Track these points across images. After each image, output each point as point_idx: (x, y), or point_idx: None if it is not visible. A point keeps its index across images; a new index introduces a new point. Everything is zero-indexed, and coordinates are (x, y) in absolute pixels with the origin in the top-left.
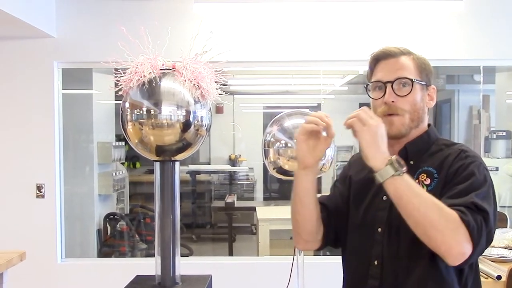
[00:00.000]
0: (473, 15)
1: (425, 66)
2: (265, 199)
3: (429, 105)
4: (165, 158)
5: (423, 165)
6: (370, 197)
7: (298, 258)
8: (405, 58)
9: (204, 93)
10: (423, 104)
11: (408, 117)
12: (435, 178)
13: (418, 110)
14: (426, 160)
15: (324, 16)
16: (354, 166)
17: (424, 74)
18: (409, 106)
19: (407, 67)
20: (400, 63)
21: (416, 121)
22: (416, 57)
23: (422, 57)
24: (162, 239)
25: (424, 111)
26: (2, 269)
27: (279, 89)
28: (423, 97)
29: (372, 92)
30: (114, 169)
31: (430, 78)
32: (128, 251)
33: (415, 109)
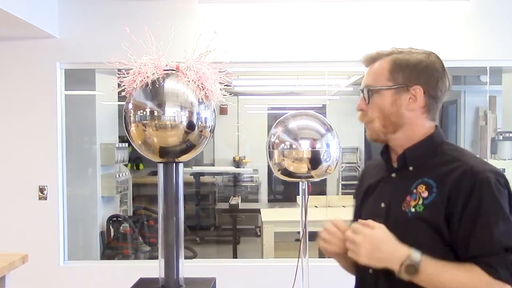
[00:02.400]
0: (479, 15)
1: (405, 67)
2: (270, 201)
3: (411, 106)
4: (169, 159)
5: (423, 175)
6: (372, 203)
7: (303, 261)
8: (380, 62)
9: (208, 94)
10: (396, 108)
11: (379, 123)
12: (433, 192)
13: (389, 115)
14: (427, 170)
15: (329, 16)
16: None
17: (400, 75)
18: (375, 113)
19: (378, 72)
20: (372, 69)
21: (391, 126)
22: (396, 57)
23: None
24: (165, 241)
25: (399, 115)
26: (4, 272)
27: (284, 90)
28: (396, 101)
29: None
30: (117, 171)
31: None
32: (131, 253)
33: (384, 115)
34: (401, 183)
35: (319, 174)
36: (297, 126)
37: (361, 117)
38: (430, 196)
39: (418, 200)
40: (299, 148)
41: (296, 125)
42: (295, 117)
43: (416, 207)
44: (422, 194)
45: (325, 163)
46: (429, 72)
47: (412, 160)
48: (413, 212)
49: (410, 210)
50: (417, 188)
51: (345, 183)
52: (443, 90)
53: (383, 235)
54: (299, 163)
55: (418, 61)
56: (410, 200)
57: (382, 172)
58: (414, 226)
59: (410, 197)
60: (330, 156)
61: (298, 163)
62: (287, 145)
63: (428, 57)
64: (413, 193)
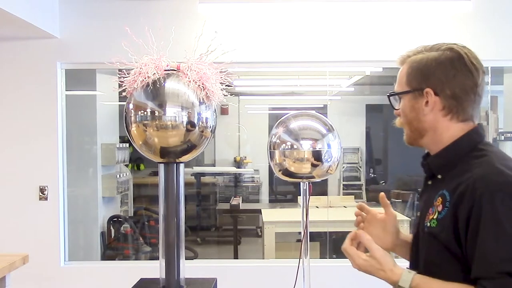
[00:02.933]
0: (481, 15)
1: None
2: (271, 202)
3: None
4: (170, 160)
5: (444, 186)
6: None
7: (304, 261)
8: (403, 66)
9: (209, 94)
10: (415, 113)
11: (408, 128)
12: (446, 207)
13: (411, 121)
14: (449, 180)
15: (330, 16)
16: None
17: (414, 79)
18: (402, 119)
19: (400, 78)
20: (398, 74)
21: (416, 131)
22: (413, 59)
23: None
24: (166, 242)
25: (419, 120)
26: (5, 272)
27: (285, 90)
28: (414, 106)
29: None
30: (118, 171)
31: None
32: (132, 254)
33: (408, 121)
34: (431, 193)
35: (320, 174)
36: (298, 126)
37: (398, 122)
38: (443, 211)
39: (434, 214)
40: (300, 149)
41: (297, 125)
42: (296, 117)
43: (431, 222)
44: (438, 207)
45: (326, 163)
46: (442, 71)
47: (438, 168)
48: (428, 227)
49: (427, 225)
50: (437, 201)
51: (346, 183)
52: (466, 88)
53: (369, 266)
54: (300, 163)
55: (430, 61)
56: (430, 213)
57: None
58: (427, 242)
59: (431, 209)
60: (331, 156)
61: (299, 163)
62: (288, 146)
63: (444, 54)
64: (433, 205)
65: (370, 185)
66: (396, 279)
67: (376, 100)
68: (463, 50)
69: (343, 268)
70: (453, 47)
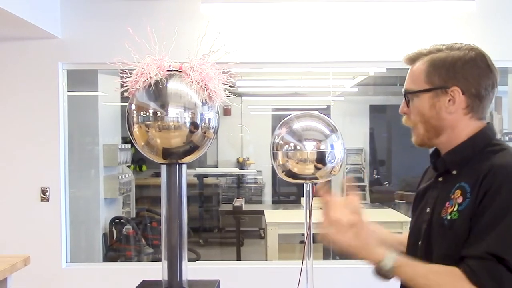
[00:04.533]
0: (485, 15)
1: (441, 67)
2: (274, 203)
3: (449, 110)
4: (172, 161)
5: (461, 179)
6: (420, 209)
7: (307, 263)
8: (420, 63)
9: (212, 95)
10: (436, 111)
11: (422, 127)
12: (467, 198)
13: (429, 119)
14: (466, 173)
15: (334, 16)
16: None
17: (436, 77)
18: (416, 117)
19: (416, 75)
20: (411, 71)
21: (433, 130)
22: (434, 57)
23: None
24: (168, 243)
25: (440, 118)
26: (6, 274)
27: (288, 91)
28: (435, 104)
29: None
30: (120, 172)
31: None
32: (134, 255)
33: (425, 119)
34: (445, 188)
35: (324, 175)
36: (301, 127)
37: (405, 121)
38: (464, 202)
39: (454, 206)
40: (304, 149)
41: (300, 126)
42: (299, 118)
43: (452, 215)
44: (458, 200)
45: (330, 164)
46: (468, 70)
47: (454, 164)
48: (449, 220)
49: (447, 218)
50: (455, 194)
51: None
52: (488, 87)
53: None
54: (303, 164)
55: (455, 60)
56: (448, 206)
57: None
58: (446, 236)
59: (449, 203)
60: (334, 157)
61: (303, 164)
62: (291, 146)
63: (468, 53)
64: (451, 199)
65: (373, 186)
66: (379, 258)
67: (380, 100)
68: (482, 50)
69: (347, 270)
70: (473, 47)
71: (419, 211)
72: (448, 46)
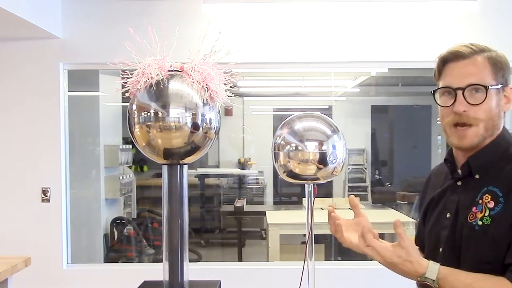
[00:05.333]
0: (487, 15)
1: (501, 64)
2: (275, 203)
3: (505, 108)
4: (173, 161)
5: (489, 183)
6: (436, 215)
7: (309, 264)
8: (479, 58)
9: (213, 95)
10: (498, 109)
11: (483, 126)
12: (500, 203)
13: (493, 117)
14: (494, 177)
15: (336, 17)
16: (430, 185)
17: (500, 74)
18: (483, 115)
19: (480, 70)
20: (472, 65)
21: (491, 129)
22: (491, 55)
23: (499, 54)
24: (170, 244)
25: (500, 116)
26: (7, 275)
27: (290, 91)
28: (498, 101)
29: (440, 98)
30: (121, 173)
31: (507, 77)
32: (135, 256)
33: (490, 117)
34: (467, 193)
35: (325, 176)
36: (303, 127)
37: (458, 118)
38: (497, 207)
39: (484, 211)
40: (305, 150)
41: (302, 126)
42: (300, 118)
43: (483, 220)
44: (488, 204)
45: (332, 165)
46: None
47: (477, 168)
48: (480, 225)
49: (477, 223)
50: (483, 198)
51: (352, 185)
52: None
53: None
54: (305, 165)
55: (505, 59)
56: (476, 211)
57: (447, 181)
58: (479, 241)
59: (476, 208)
60: (336, 157)
61: (304, 165)
62: (293, 147)
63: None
64: (479, 204)
65: (375, 186)
66: (422, 271)
67: (382, 101)
68: None
69: (349, 271)
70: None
71: (436, 217)
72: (483, 46)
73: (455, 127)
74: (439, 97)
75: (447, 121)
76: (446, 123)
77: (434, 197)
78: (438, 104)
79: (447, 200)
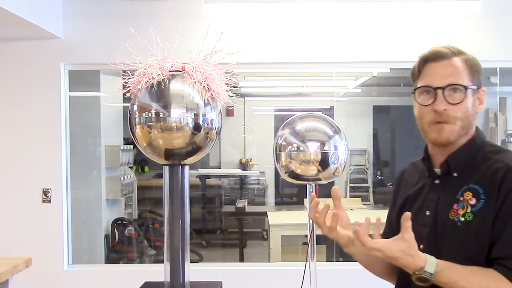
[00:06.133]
0: (489, 15)
1: (476, 67)
2: (277, 204)
3: (478, 109)
4: (174, 162)
5: (469, 181)
6: (414, 212)
7: (311, 264)
8: (457, 60)
9: (214, 95)
10: (473, 110)
11: (460, 125)
12: (481, 199)
13: (470, 117)
14: (472, 174)
15: (337, 17)
16: (404, 182)
17: (476, 76)
18: (461, 114)
19: (459, 71)
20: (452, 66)
21: (467, 128)
22: (467, 58)
23: (474, 57)
24: (171, 245)
25: (474, 117)
26: (8, 276)
27: (291, 92)
28: (473, 102)
29: (419, 96)
30: (122, 173)
31: (481, 79)
32: (136, 257)
33: (466, 116)
34: (447, 191)
35: (327, 176)
36: (305, 128)
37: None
38: (479, 203)
39: (466, 208)
40: (307, 150)
41: (303, 127)
42: (302, 118)
43: (466, 216)
44: (470, 201)
45: (333, 166)
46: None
47: (456, 166)
48: (462, 221)
49: (460, 220)
50: (464, 196)
51: (353, 185)
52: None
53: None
54: (306, 165)
55: (480, 64)
56: (458, 208)
57: (424, 178)
58: (462, 237)
59: (457, 205)
60: (338, 158)
61: (306, 165)
62: (295, 147)
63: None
64: (460, 201)
65: (377, 187)
66: (421, 264)
67: (384, 101)
68: None
69: (350, 271)
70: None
71: (414, 215)
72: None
73: (434, 125)
74: (418, 96)
75: (427, 120)
76: (426, 122)
77: (411, 195)
78: (418, 102)
79: (425, 197)
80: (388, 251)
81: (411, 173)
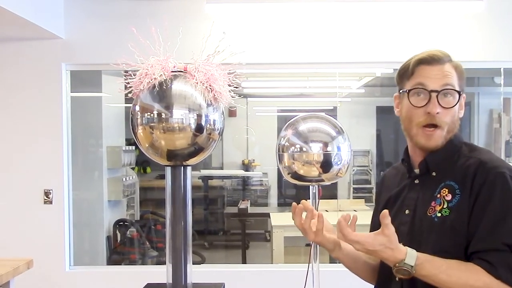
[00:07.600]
0: (493, 15)
1: (463, 74)
2: (280, 205)
3: (460, 114)
4: (177, 163)
5: (445, 179)
6: (394, 212)
7: (314, 266)
8: (450, 65)
9: (217, 96)
10: (458, 115)
11: (446, 129)
12: (456, 194)
13: (455, 121)
14: (449, 172)
15: (340, 17)
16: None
17: (462, 82)
18: (449, 118)
19: (452, 75)
20: (446, 71)
21: (451, 132)
22: (456, 64)
23: (460, 63)
24: (173, 246)
25: (459, 122)
26: (9, 277)
27: (294, 92)
28: (459, 107)
29: (411, 97)
30: (124, 174)
31: (464, 85)
32: (138, 258)
33: (453, 121)
34: (426, 190)
35: (330, 177)
36: (308, 128)
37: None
38: (454, 199)
39: (443, 204)
40: (310, 151)
41: (306, 127)
42: (305, 119)
43: (442, 212)
44: (446, 197)
45: (336, 167)
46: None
47: (434, 165)
48: (439, 217)
49: (436, 215)
50: (441, 193)
51: (357, 186)
52: None
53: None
54: (309, 166)
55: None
56: (435, 205)
57: (404, 179)
58: (439, 232)
59: (435, 202)
60: (341, 159)
61: (309, 166)
62: (297, 148)
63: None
64: (437, 198)
65: None
66: (402, 257)
67: (387, 102)
68: None
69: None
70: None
71: (394, 214)
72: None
73: (423, 128)
74: (410, 97)
75: (418, 122)
76: (416, 124)
77: (392, 196)
78: (410, 103)
79: (405, 197)
80: (368, 245)
81: (392, 176)
